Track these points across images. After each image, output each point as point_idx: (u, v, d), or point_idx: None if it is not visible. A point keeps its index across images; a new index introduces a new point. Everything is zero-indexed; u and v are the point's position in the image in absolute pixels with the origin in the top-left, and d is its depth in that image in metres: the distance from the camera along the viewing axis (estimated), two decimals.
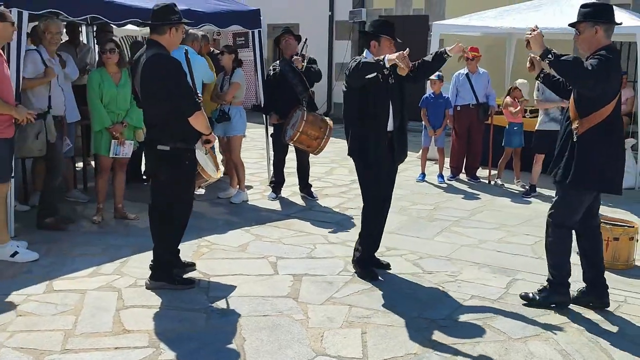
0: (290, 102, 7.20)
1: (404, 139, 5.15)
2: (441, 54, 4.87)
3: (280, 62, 7.50)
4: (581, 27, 4.33)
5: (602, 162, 4.32)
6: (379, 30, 5.03)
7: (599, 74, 4.12)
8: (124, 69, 6.32)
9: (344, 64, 15.47)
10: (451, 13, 12.69)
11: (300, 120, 6.90)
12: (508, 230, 6.50)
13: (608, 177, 4.36)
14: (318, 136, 6.98)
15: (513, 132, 8.45)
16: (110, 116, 6.23)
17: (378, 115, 4.91)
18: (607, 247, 5.32)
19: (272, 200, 7.58)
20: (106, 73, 6.24)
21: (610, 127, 4.32)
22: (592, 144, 4.31)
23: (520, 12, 9.64)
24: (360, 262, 5.20)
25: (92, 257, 5.40)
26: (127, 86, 6.24)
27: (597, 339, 4.11)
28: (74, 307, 4.41)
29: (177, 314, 4.35)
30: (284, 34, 7.45)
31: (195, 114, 4.53)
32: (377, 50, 4.99)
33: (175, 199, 4.73)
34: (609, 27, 4.31)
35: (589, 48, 4.33)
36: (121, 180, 6.60)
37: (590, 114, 4.28)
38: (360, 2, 15.26)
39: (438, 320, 4.33)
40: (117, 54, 6.24)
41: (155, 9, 4.66)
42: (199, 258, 5.44)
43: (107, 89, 6.20)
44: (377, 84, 4.82)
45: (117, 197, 6.58)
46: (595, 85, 4.17)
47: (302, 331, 4.12)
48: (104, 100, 6.21)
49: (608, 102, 4.27)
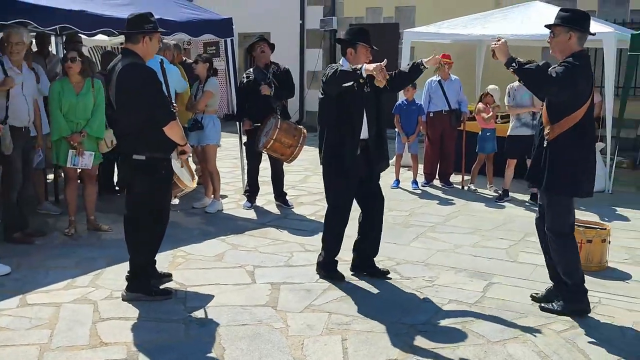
0: (263, 109, 7.18)
1: (382, 146, 5.16)
2: (417, 65, 4.90)
3: (254, 69, 7.46)
4: (557, 30, 4.39)
5: (572, 166, 4.36)
6: (356, 38, 5.06)
7: (563, 82, 4.18)
8: (87, 78, 6.23)
9: (316, 72, 15.55)
10: (421, 21, 12.81)
11: (274, 128, 6.88)
12: (483, 235, 6.56)
13: (578, 181, 4.40)
14: (292, 144, 6.98)
15: (486, 138, 8.54)
16: (69, 125, 6.13)
17: (352, 123, 4.92)
18: (580, 250, 5.39)
19: (247, 209, 7.54)
20: (68, 82, 6.13)
21: (582, 131, 4.36)
22: (563, 149, 4.36)
23: (490, 19, 9.77)
24: (323, 265, 5.23)
25: (66, 270, 5.31)
26: (89, 95, 6.15)
27: (574, 340, 4.16)
28: (49, 320, 4.33)
29: (154, 325, 4.30)
30: (259, 42, 7.38)
31: (170, 124, 4.50)
32: (353, 57, 5.02)
33: (151, 210, 4.67)
34: (583, 35, 4.38)
35: (560, 52, 4.39)
36: (91, 191, 6.48)
37: (561, 119, 4.33)
38: (331, 10, 15.33)
39: (417, 325, 4.34)
40: (79, 63, 6.13)
41: (130, 17, 4.63)
42: (175, 268, 5.39)
43: (66, 98, 6.09)
44: (353, 92, 4.84)
45: (89, 209, 6.48)
46: (559, 92, 4.23)
47: (282, 340, 4.10)
48: (63, 110, 6.10)
49: (579, 107, 4.31)
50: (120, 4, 6.73)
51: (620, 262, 5.74)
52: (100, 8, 6.42)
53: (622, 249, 6.09)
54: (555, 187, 4.41)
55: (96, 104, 6.23)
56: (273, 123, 6.98)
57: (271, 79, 7.23)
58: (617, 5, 11.96)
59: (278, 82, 7.26)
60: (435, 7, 13.32)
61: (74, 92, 6.13)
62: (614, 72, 8.75)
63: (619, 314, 4.59)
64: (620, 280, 5.31)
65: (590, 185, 4.50)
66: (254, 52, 7.41)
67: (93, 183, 6.52)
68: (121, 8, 6.58)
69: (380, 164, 5.18)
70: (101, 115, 6.29)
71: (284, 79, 7.37)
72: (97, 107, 6.24)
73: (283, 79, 7.35)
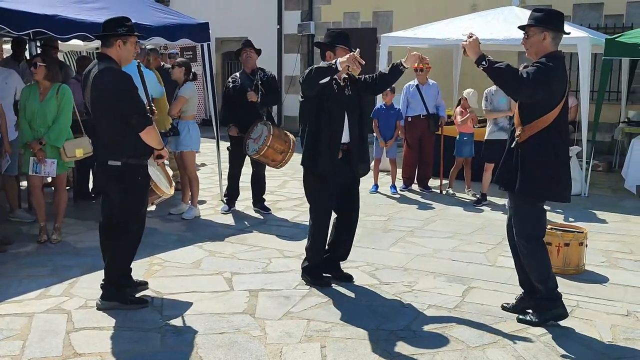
0: (249, 115, 7.12)
1: (364, 150, 5.12)
2: (397, 66, 4.88)
3: (240, 74, 7.40)
4: (531, 31, 4.32)
5: (543, 169, 4.27)
6: (335, 41, 5.04)
7: (535, 83, 4.10)
8: (55, 84, 6.12)
9: (293, 76, 15.52)
10: (399, 26, 12.87)
11: (268, 135, 6.84)
12: (461, 239, 6.57)
13: (549, 184, 4.30)
14: (283, 150, 6.96)
15: (463, 142, 8.57)
16: (31, 132, 6.02)
17: (333, 127, 4.89)
18: (558, 253, 5.43)
19: (224, 213, 7.51)
20: (36, 88, 6.04)
21: (554, 133, 4.26)
22: (534, 151, 4.27)
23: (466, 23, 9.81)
24: (308, 271, 5.20)
25: (40, 279, 5.21)
26: (52, 102, 6.04)
27: (552, 344, 4.16)
28: (21, 331, 4.23)
29: (130, 334, 4.22)
30: (245, 47, 7.33)
31: (146, 129, 4.44)
32: (332, 59, 4.96)
33: (127, 216, 4.60)
34: (557, 35, 4.31)
35: (535, 52, 4.32)
36: (60, 199, 6.33)
37: (533, 121, 4.25)
38: (309, 15, 15.34)
39: (397, 331, 4.32)
40: (43, 68, 6.02)
41: (105, 21, 4.57)
42: (151, 276, 5.31)
43: (30, 105, 6.00)
44: (333, 94, 4.80)
45: (57, 217, 6.31)
46: (533, 93, 4.16)
47: (260, 348, 4.05)
48: (26, 116, 6.01)
49: (551, 109, 4.23)
50: (95, 7, 6.65)
51: (597, 265, 5.77)
52: (74, 12, 6.33)
53: (599, 252, 6.13)
54: (526, 190, 4.31)
55: (59, 111, 6.10)
56: (265, 129, 6.93)
57: (258, 85, 7.18)
58: (592, 10, 12.12)
59: (264, 88, 7.21)
60: (412, 12, 13.40)
61: (39, 98, 6.03)
62: (589, 77, 8.83)
63: (597, 317, 4.61)
64: (598, 283, 5.33)
65: (561, 188, 4.36)
66: (240, 57, 7.38)
67: (62, 190, 6.39)
68: (96, 12, 6.51)
69: (361, 169, 5.15)
70: (62, 124, 6.14)
71: (270, 85, 7.33)
72: (60, 115, 6.11)
73: (269, 85, 7.30)
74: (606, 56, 8.76)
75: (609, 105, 11.08)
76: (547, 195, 4.41)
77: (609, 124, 11.41)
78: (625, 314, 4.69)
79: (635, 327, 4.46)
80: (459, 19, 10.14)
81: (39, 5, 6.12)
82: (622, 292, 5.14)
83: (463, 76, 11.58)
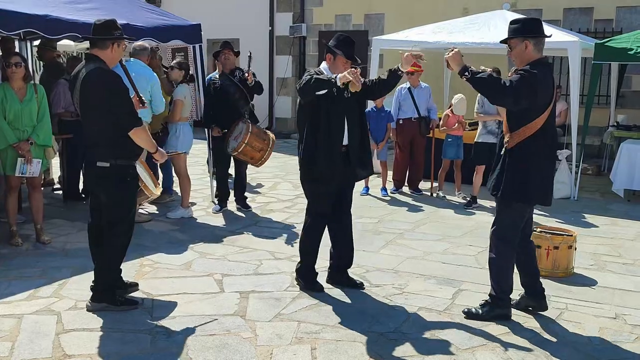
0: (231, 115, 7.31)
1: (365, 152, 5.11)
2: (395, 71, 4.91)
3: (220, 76, 7.54)
4: (512, 43, 4.44)
5: (526, 174, 4.37)
6: (337, 46, 5.01)
7: (518, 91, 4.20)
8: (30, 84, 6.08)
9: (285, 78, 15.53)
10: (390, 29, 12.90)
11: (246, 132, 7.01)
12: (452, 242, 6.59)
13: (529, 188, 4.40)
14: (262, 148, 7.14)
15: (448, 144, 8.65)
16: (15, 133, 5.95)
17: (332, 129, 4.89)
18: (547, 256, 5.47)
19: (215, 212, 7.57)
20: (10, 88, 5.95)
21: (541, 140, 4.37)
22: (521, 157, 4.38)
23: (457, 27, 9.86)
24: (301, 274, 5.19)
25: (29, 280, 5.18)
26: (33, 102, 6.00)
27: (541, 346, 4.19)
28: (10, 332, 4.21)
29: (120, 336, 4.21)
30: (223, 49, 7.52)
31: (134, 130, 4.43)
32: (331, 63, 4.98)
33: (117, 217, 4.59)
34: (539, 40, 4.40)
35: (521, 62, 4.42)
36: (38, 200, 6.24)
37: (520, 128, 4.35)
38: (300, 17, 15.35)
39: (387, 334, 4.33)
40: (23, 68, 5.98)
41: (98, 23, 4.54)
42: (141, 277, 5.30)
43: (10, 105, 5.91)
44: (332, 97, 4.80)
45: (36, 218, 6.23)
46: (515, 101, 4.26)
47: (250, 349, 4.05)
48: (7, 117, 5.91)
49: (538, 115, 4.33)
50: (86, 8, 6.63)
51: (586, 268, 5.81)
52: (65, 12, 6.31)
53: (588, 255, 6.17)
54: (512, 194, 4.42)
55: (41, 110, 6.07)
56: (244, 127, 7.10)
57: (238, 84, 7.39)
58: (582, 15, 12.20)
59: (244, 86, 7.41)
60: (404, 15, 13.43)
61: (17, 98, 5.97)
62: (578, 81, 8.90)
63: (586, 319, 4.64)
64: (587, 286, 5.37)
65: (542, 192, 4.47)
66: (218, 59, 7.56)
67: (39, 191, 6.32)
68: (87, 12, 6.49)
69: (361, 172, 5.16)
70: (47, 123, 6.14)
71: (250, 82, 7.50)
72: (43, 114, 6.08)
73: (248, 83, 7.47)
74: (596, 60, 8.83)
75: (598, 109, 11.16)
76: (523, 198, 4.47)
77: (598, 128, 11.48)
78: (614, 316, 4.72)
79: (623, 329, 4.49)
80: (450, 22, 10.17)
81: (30, 5, 6.10)
82: (610, 294, 5.18)
83: (454, 79, 11.61)
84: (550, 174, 4.62)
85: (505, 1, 10.70)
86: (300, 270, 5.21)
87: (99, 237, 4.63)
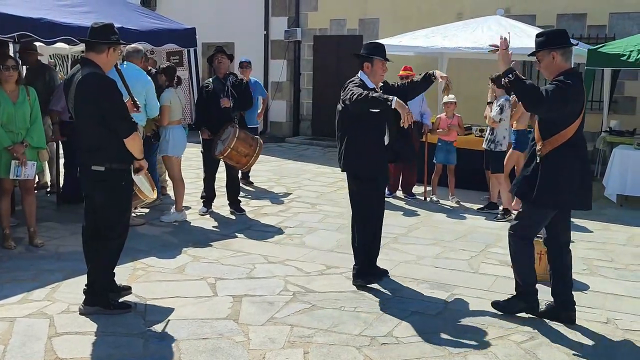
0: (222, 119, 7.44)
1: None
2: (429, 77, 5.24)
3: (213, 80, 7.65)
4: (539, 56, 4.54)
5: (564, 181, 4.44)
6: (372, 52, 5.28)
7: (553, 101, 4.30)
8: (21, 86, 6.08)
9: (280, 82, 15.55)
10: (384, 33, 12.93)
11: (232, 137, 7.13)
12: (445, 246, 6.61)
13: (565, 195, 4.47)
14: (248, 153, 7.29)
15: (437, 148, 8.74)
16: (9, 136, 5.95)
17: (375, 131, 5.15)
18: (539, 261, 5.46)
19: (202, 214, 7.65)
20: (2, 91, 5.95)
21: (574, 147, 4.46)
22: (556, 164, 4.45)
23: (451, 31, 9.90)
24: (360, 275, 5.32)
25: (22, 283, 5.17)
26: (26, 104, 6.01)
27: (533, 350, 4.21)
28: (2, 336, 4.20)
29: (113, 339, 4.21)
30: (217, 54, 7.62)
31: (132, 136, 4.45)
32: (370, 70, 5.25)
33: (111, 221, 4.59)
34: (566, 50, 4.50)
35: (550, 74, 4.53)
36: (30, 202, 6.23)
37: (553, 136, 4.43)
38: (295, 21, 15.37)
39: (379, 338, 4.34)
40: (17, 72, 5.99)
41: (95, 27, 4.53)
42: (135, 281, 5.30)
43: (3, 108, 5.90)
44: None
45: (29, 221, 6.22)
46: (549, 110, 4.37)
47: (243, 353, 4.05)
48: (1, 120, 5.91)
49: (570, 123, 4.42)
50: (81, 11, 6.64)
51: (578, 272, 5.82)
52: (59, 16, 6.33)
53: (580, 259, 6.20)
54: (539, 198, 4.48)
55: (33, 113, 6.08)
56: (231, 132, 7.22)
57: (230, 90, 7.47)
58: (575, 20, 12.25)
59: (236, 92, 7.51)
60: (398, 19, 13.47)
61: (10, 101, 5.96)
62: None
63: (578, 324, 4.65)
64: (579, 291, 5.37)
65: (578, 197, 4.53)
66: (212, 63, 7.67)
67: (32, 194, 6.31)
68: (82, 16, 6.51)
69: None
70: (40, 125, 6.15)
71: (242, 89, 7.64)
72: (36, 117, 6.10)
73: (240, 89, 7.60)
74: (589, 66, 8.88)
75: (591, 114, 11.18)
76: (567, 205, 4.61)
77: (591, 133, 11.50)
78: (605, 321, 4.75)
79: (614, 334, 4.52)
80: (443, 27, 10.21)
81: (25, 8, 6.10)
82: (602, 299, 5.20)
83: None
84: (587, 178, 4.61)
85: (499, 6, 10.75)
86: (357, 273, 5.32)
87: (93, 240, 4.62)
